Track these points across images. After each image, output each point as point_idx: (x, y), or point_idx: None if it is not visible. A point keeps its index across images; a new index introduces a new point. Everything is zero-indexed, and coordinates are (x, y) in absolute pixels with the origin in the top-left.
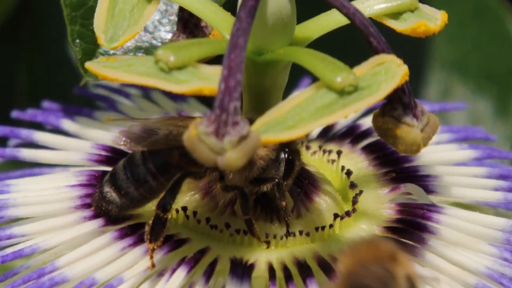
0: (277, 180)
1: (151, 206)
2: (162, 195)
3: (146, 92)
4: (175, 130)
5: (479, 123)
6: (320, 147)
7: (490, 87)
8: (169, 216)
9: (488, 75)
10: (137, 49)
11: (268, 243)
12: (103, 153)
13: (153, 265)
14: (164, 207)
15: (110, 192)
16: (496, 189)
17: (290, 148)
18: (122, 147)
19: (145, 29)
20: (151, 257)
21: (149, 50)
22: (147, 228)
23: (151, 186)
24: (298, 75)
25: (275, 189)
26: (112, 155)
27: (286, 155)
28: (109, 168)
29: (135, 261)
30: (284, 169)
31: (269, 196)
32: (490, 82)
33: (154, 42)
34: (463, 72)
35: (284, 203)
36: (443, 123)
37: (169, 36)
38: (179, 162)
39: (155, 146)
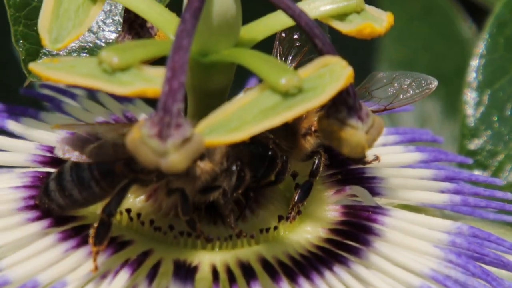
0: (223, 189)
1: (95, 208)
2: (106, 198)
3: (92, 93)
4: (121, 140)
5: (427, 124)
6: None
7: (439, 87)
8: (114, 221)
9: (437, 75)
10: (81, 49)
11: (210, 240)
12: (48, 154)
13: (96, 268)
14: (110, 212)
15: (54, 192)
16: (442, 191)
17: (242, 160)
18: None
19: (89, 30)
20: (95, 259)
21: (93, 50)
22: (91, 232)
23: (94, 192)
24: (246, 75)
25: (221, 197)
26: (56, 157)
27: (238, 168)
28: (53, 170)
29: (78, 263)
30: (235, 181)
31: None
32: (439, 83)
33: (98, 42)
34: None
35: (228, 212)
36: (391, 125)
37: (113, 36)
38: (124, 171)
39: (101, 158)
